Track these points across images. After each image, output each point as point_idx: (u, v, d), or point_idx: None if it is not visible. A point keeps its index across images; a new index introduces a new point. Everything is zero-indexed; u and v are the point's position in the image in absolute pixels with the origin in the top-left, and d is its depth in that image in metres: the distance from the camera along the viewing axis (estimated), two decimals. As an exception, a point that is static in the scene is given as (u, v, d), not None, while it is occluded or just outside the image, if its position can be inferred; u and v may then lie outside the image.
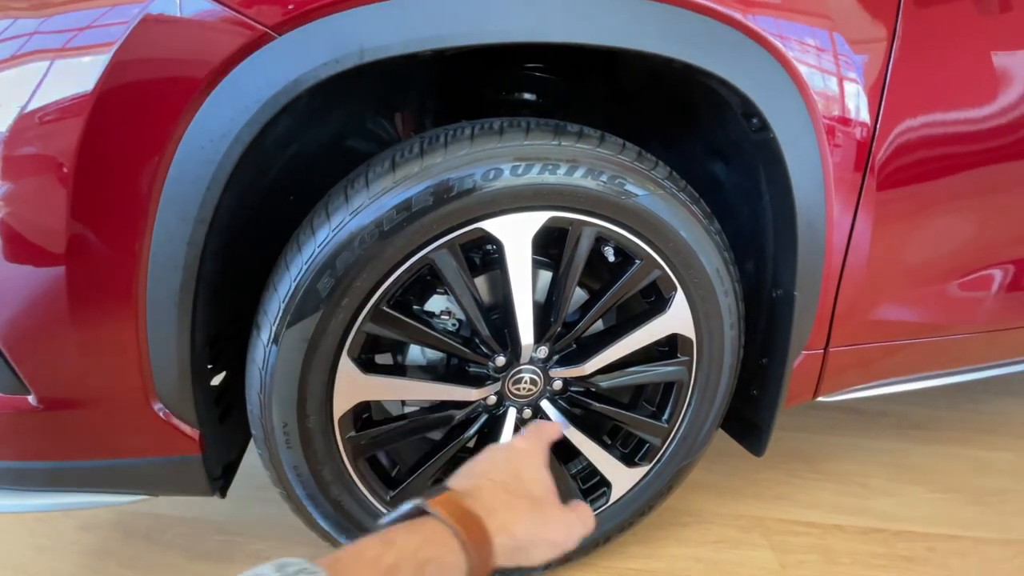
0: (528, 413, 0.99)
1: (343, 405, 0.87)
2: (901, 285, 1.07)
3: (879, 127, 0.90)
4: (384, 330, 0.84)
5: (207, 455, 0.87)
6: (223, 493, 0.94)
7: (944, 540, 1.25)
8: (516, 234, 0.83)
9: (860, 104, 0.88)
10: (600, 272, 0.99)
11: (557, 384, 0.98)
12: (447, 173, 0.78)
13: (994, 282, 1.15)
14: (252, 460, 0.96)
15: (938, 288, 1.10)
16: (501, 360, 0.92)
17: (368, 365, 0.90)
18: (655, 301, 0.97)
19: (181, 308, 0.76)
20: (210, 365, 0.89)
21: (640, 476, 1.07)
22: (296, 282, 0.78)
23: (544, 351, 0.93)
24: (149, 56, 0.67)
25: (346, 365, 0.83)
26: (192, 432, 0.84)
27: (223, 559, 1.14)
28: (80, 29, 0.67)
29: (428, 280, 0.93)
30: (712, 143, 1.07)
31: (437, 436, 1.00)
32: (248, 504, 1.21)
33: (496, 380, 0.94)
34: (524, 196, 0.81)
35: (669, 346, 0.99)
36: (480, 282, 0.92)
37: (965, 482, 1.42)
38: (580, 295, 0.98)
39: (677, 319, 0.95)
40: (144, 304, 0.75)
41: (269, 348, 0.81)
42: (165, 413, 0.82)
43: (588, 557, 1.13)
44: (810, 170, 0.89)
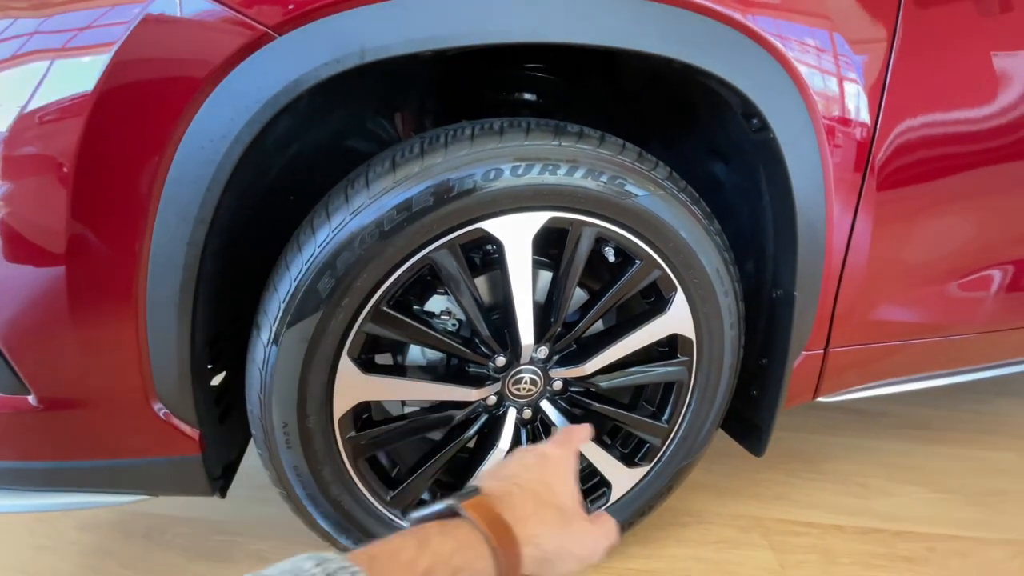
0: (528, 413, 0.99)
1: (343, 405, 0.87)
2: (901, 285, 1.07)
3: (879, 127, 0.90)
4: (384, 330, 0.84)
5: (207, 455, 0.87)
6: (223, 493, 0.94)
7: (944, 540, 1.25)
8: (516, 234, 0.83)
9: (860, 104, 0.88)
10: (600, 272, 0.99)
11: (557, 384, 0.98)
12: (447, 173, 0.78)
13: (994, 282, 1.15)
14: (252, 460, 0.96)
15: (938, 288, 1.10)
16: (501, 360, 0.92)
17: (368, 365, 0.90)
18: (655, 301, 0.97)
19: (181, 308, 0.76)
20: (210, 365, 0.89)
21: (640, 476, 1.07)
22: (296, 282, 0.78)
23: (544, 351, 0.93)
24: (149, 56, 0.67)
25: (346, 365, 0.83)
26: (192, 432, 0.85)
27: (223, 559, 1.13)
28: (80, 29, 0.67)
29: (428, 280, 0.93)
30: (712, 143, 1.07)
31: (437, 436, 1.00)
32: (248, 504, 1.21)
33: (496, 380, 0.94)
34: (524, 196, 0.81)
35: (669, 346, 0.99)
36: (480, 282, 0.92)
37: (965, 482, 1.42)
38: (580, 295, 0.98)
39: (677, 319, 0.95)
40: (144, 304, 0.75)
41: (269, 348, 0.81)
42: (165, 413, 0.82)
43: (588, 557, 1.13)
44: (810, 170, 0.89)
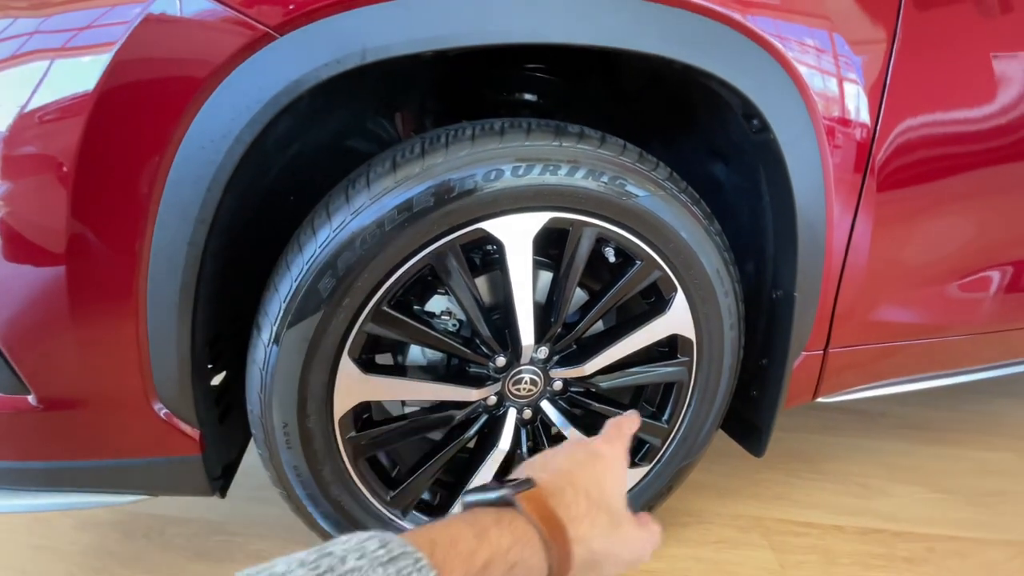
0: (528, 414, 0.99)
1: (344, 405, 0.87)
2: (901, 286, 1.07)
3: (879, 128, 0.90)
4: (385, 330, 0.84)
5: (207, 455, 0.87)
6: (223, 493, 0.94)
7: (944, 540, 1.25)
8: (517, 235, 0.83)
9: (860, 105, 0.88)
10: (600, 273, 0.99)
11: (557, 384, 0.98)
12: (448, 173, 0.78)
13: (994, 283, 1.15)
14: (252, 460, 0.96)
15: (938, 289, 1.10)
16: (501, 360, 0.92)
17: (369, 365, 0.90)
18: (655, 302, 0.97)
19: (181, 308, 0.76)
20: (210, 365, 0.89)
21: (640, 476, 1.07)
22: (297, 282, 0.78)
23: (544, 352, 0.93)
24: (150, 56, 0.67)
25: (347, 365, 0.83)
26: (192, 432, 0.84)
27: (223, 559, 1.13)
28: (80, 29, 0.67)
29: (429, 280, 0.93)
30: (712, 144, 1.07)
31: (437, 436, 1.00)
32: (248, 504, 1.21)
33: (496, 380, 0.94)
34: (525, 197, 0.81)
35: (669, 347, 0.99)
36: (481, 282, 0.92)
37: (965, 482, 1.42)
38: (580, 296, 0.98)
39: (677, 320, 0.95)
40: (144, 304, 0.75)
41: (270, 348, 0.81)
42: (165, 413, 0.82)
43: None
44: (810, 171, 0.89)
